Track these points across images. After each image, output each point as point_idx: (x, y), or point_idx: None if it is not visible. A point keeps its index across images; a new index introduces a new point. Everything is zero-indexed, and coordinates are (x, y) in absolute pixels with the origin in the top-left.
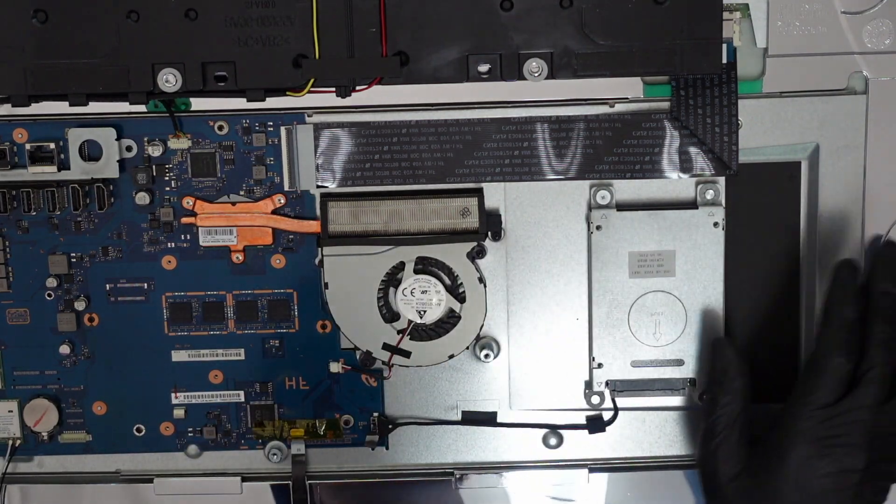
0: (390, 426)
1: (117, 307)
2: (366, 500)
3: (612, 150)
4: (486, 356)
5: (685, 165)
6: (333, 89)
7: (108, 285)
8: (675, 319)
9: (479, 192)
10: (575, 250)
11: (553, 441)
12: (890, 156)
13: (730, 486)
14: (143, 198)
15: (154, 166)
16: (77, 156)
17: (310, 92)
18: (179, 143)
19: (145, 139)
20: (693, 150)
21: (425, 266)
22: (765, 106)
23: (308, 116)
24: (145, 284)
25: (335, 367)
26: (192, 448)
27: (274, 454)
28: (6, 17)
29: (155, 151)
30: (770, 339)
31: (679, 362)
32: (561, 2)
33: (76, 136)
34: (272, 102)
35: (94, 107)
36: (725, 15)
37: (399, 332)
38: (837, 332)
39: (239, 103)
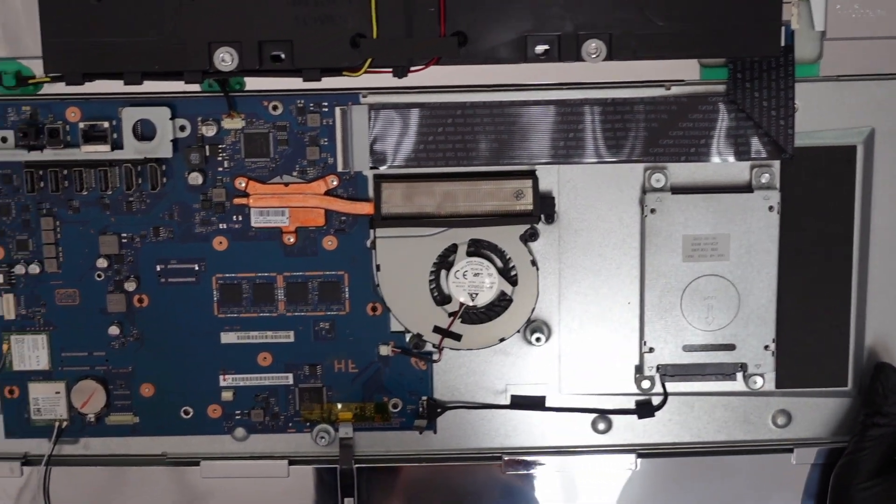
0: (439, 410)
1: (167, 288)
2: (413, 484)
3: (667, 133)
4: (538, 339)
5: (741, 149)
6: (389, 69)
7: (158, 266)
8: (727, 304)
9: (533, 175)
10: (628, 234)
11: (602, 426)
12: None
13: (859, 494)
14: (195, 178)
15: (207, 146)
16: (130, 135)
17: (366, 72)
18: (233, 123)
19: (199, 119)
20: (749, 133)
21: (477, 248)
22: (821, 89)
23: (363, 97)
24: (196, 265)
25: (385, 350)
26: (240, 431)
27: (321, 437)
28: None
29: (208, 131)
30: (821, 323)
31: (730, 347)
32: None
33: (130, 116)
34: (327, 82)
35: (147, 86)
36: None
37: (450, 314)
38: None
39: (293, 83)
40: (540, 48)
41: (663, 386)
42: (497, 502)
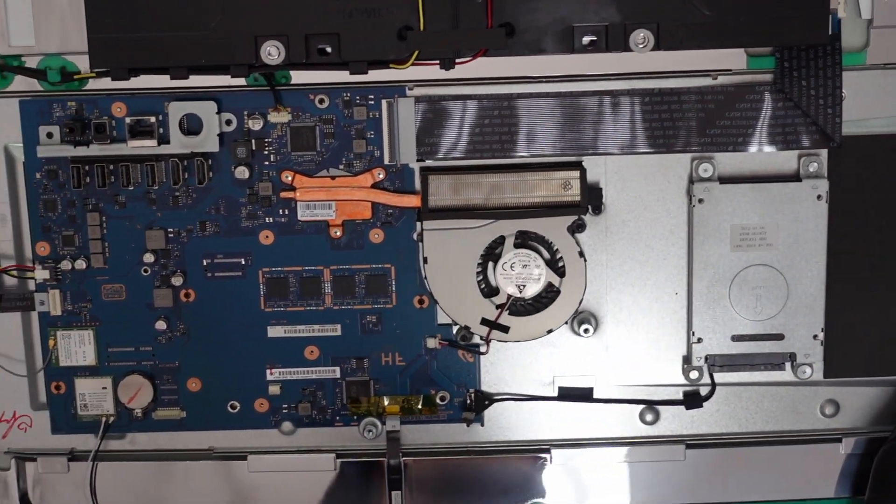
0: (486, 402)
1: (214, 283)
2: (461, 477)
3: (714, 123)
4: (586, 331)
5: (788, 138)
6: (436, 61)
7: (205, 261)
8: (776, 293)
9: (580, 166)
10: (675, 224)
11: (649, 417)
12: None
13: None
14: (242, 172)
15: (253, 140)
16: (177, 129)
17: (412, 64)
18: (279, 117)
19: (245, 113)
20: (796, 122)
21: (525, 240)
22: (868, 78)
23: (409, 89)
24: (242, 260)
25: (432, 343)
26: (287, 425)
27: (369, 431)
28: None
29: (255, 125)
30: (869, 312)
31: (779, 337)
32: None
33: (177, 110)
34: (373, 75)
35: (193, 80)
36: None
37: (498, 306)
38: None
39: (339, 76)
40: (587, 38)
41: (711, 376)
42: (545, 494)
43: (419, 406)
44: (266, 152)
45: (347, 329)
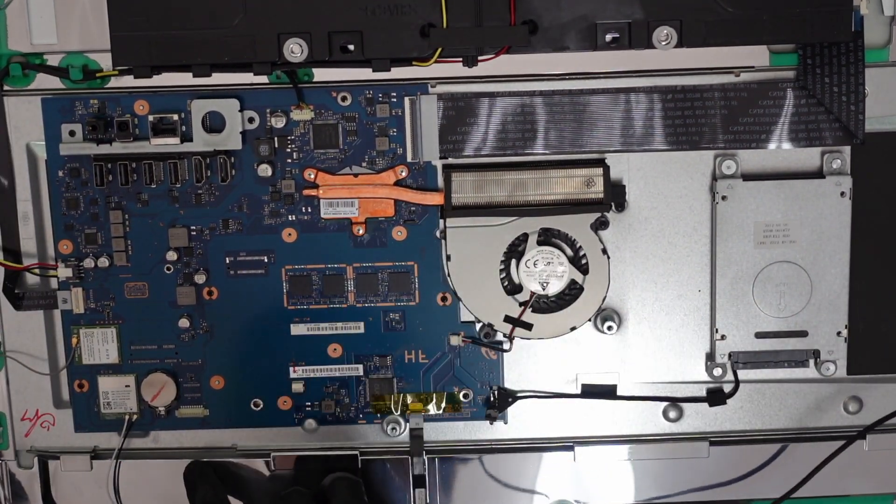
0: (510, 399)
1: (237, 280)
2: (484, 475)
3: (737, 120)
4: (610, 328)
5: (811, 135)
6: (459, 59)
7: (227, 258)
8: (799, 290)
9: (603, 163)
10: (698, 221)
11: (673, 414)
12: None
13: None
14: (265, 170)
15: (276, 138)
16: (200, 127)
17: (435, 62)
18: (302, 115)
19: (268, 110)
20: (819, 119)
21: (547, 237)
22: (891, 74)
23: (432, 87)
24: (265, 257)
25: (455, 340)
26: (310, 423)
27: (392, 428)
28: None
29: (277, 123)
30: (893, 309)
31: (803, 334)
32: None
33: (199, 108)
34: (396, 72)
35: (215, 78)
36: None
37: (521, 304)
38: None
39: (362, 73)
40: (610, 36)
41: (735, 373)
42: (569, 491)
43: (442, 404)
44: (289, 150)
45: (370, 327)
